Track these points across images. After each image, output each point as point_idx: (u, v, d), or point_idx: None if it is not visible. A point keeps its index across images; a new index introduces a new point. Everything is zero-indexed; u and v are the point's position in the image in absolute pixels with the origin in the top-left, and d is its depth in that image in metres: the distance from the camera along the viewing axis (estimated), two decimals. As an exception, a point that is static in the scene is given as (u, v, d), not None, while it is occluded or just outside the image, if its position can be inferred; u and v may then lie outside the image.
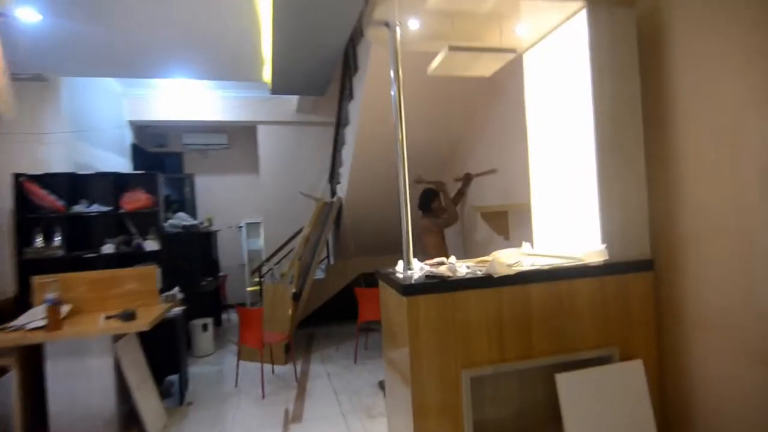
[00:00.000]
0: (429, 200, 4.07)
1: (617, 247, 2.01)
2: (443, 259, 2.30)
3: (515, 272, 1.87)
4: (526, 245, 2.48)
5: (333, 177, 6.13)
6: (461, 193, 4.37)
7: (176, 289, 3.63)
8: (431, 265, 2.20)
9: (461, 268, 2.03)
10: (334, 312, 5.91)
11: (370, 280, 5.84)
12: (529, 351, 1.91)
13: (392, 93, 2.06)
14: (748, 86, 1.70)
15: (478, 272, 1.93)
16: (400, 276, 2.00)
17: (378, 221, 5.21)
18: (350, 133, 4.44)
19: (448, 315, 1.82)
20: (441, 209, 4.21)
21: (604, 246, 2.00)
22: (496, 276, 1.84)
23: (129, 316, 2.83)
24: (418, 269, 2.08)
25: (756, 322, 1.72)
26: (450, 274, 1.89)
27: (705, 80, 1.88)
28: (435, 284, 1.82)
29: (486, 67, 2.28)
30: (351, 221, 5.20)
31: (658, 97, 2.10)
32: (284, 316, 4.53)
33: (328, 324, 5.88)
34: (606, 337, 2.02)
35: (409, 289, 1.79)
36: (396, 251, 5.84)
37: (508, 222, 3.68)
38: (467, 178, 4.27)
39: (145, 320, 2.87)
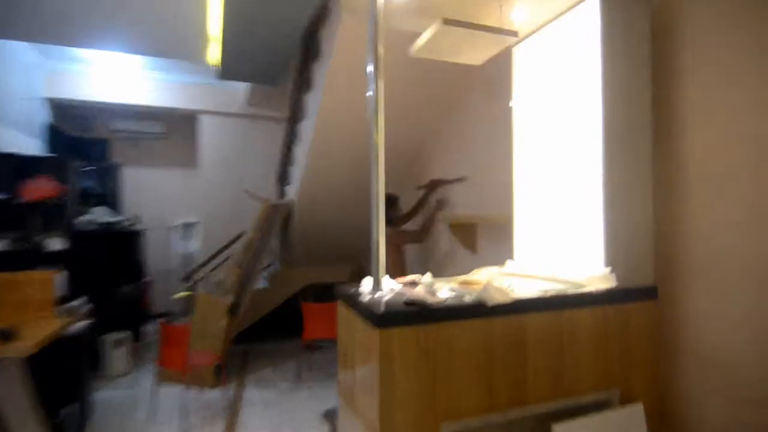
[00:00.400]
0: (387, 207, 3.68)
1: (620, 271, 1.72)
2: (417, 277, 1.91)
3: (512, 300, 1.52)
4: (511, 264, 2.16)
5: (282, 177, 5.60)
6: (423, 202, 4.02)
7: (80, 299, 2.96)
8: (404, 284, 1.81)
9: (443, 290, 1.64)
10: (273, 327, 5.34)
11: (319, 292, 5.34)
12: (522, 396, 1.56)
13: (370, 73, 1.65)
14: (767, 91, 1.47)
15: (466, 297, 1.56)
16: (368, 299, 1.58)
17: (332, 228, 4.76)
18: (306, 128, 3.98)
19: (429, 353, 1.42)
20: (402, 218, 3.84)
21: (608, 270, 1.71)
22: (490, 304, 1.47)
23: (6, 336, 2.18)
24: (389, 290, 1.67)
25: (786, 367, 1.47)
26: (430, 299, 1.50)
27: (718, 84, 1.65)
28: (415, 314, 1.42)
29: (478, 52, 1.94)
30: (301, 226, 4.71)
31: (666, 102, 1.85)
32: (217, 331, 3.94)
33: (265, 340, 5.29)
34: (606, 376, 1.71)
35: (384, 320, 1.37)
36: (348, 261, 5.38)
37: (476, 235, 3.37)
38: (432, 186, 3.94)
39: (29, 341, 2.23)
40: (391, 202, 3.72)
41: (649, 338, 1.79)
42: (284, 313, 5.36)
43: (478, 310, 1.48)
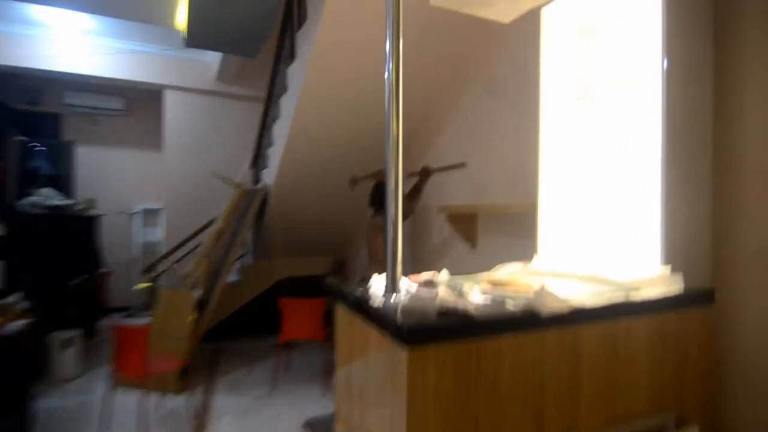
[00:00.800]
0: (382, 195, 3.35)
1: (681, 272, 1.44)
2: (432, 274, 1.58)
3: (571, 309, 1.20)
4: (538, 260, 1.85)
5: (257, 161, 5.15)
6: (417, 190, 3.69)
7: (16, 294, 2.49)
8: (420, 284, 1.47)
9: (473, 293, 1.32)
10: (246, 323, 4.92)
11: (298, 286, 4.95)
12: (574, 424, 1.26)
13: (388, 51, 1.28)
14: None
15: (509, 304, 1.23)
16: (383, 304, 1.23)
17: (312, 216, 4.37)
18: (288, 103, 3.56)
19: (469, 378, 1.09)
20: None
21: (667, 270, 1.42)
22: (545, 313, 1.16)
23: None
24: (405, 292, 1.34)
25: None
26: (468, 307, 1.17)
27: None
28: (454, 327, 1.09)
29: (510, 4, 1.60)
30: (278, 214, 4.29)
31: (726, 82, 1.58)
32: (182, 330, 3.51)
33: (239, 338, 4.87)
34: (661, 397, 1.43)
35: (415, 336, 1.03)
36: (329, 252, 4.99)
37: (477, 227, 3.07)
38: (425, 173, 3.61)
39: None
40: (383, 190, 3.38)
41: (706, 350, 1.53)
42: (258, 308, 4.95)
43: (529, 321, 1.16)
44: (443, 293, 1.30)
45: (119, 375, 2.95)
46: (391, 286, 1.30)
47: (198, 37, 3.67)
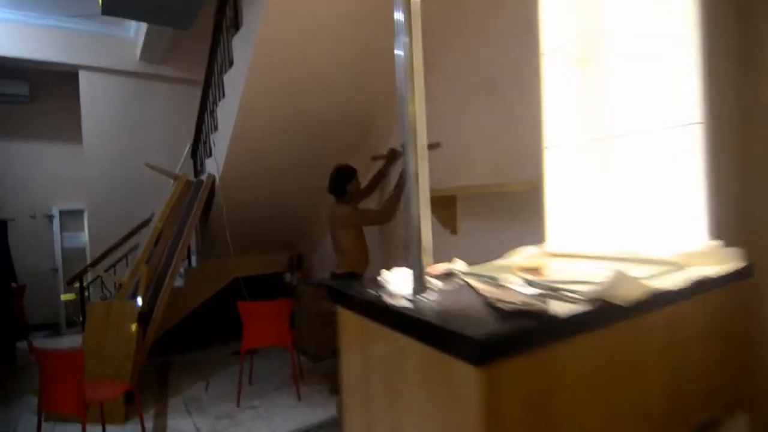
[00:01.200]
0: (343, 180, 3.06)
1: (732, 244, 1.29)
2: (453, 264, 1.33)
3: (649, 294, 0.99)
4: (555, 241, 1.65)
5: (197, 149, 4.61)
6: (382, 174, 3.42)
7: None
8: (438, 276, 1.22)
9: (515, 284, 1.07)
10: (195, 332, 4.44)
11: (251, 287, 4.52)
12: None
13: (398, 22, 1.03)
14: None
15: (567, 294, 1.00)
16: (415, 306, 0.96)
17: (267, 207, 3.98)
18: (233, 79, 3.12)
19: (541, 395, 0.84)
20: (359, 193, 3.22)
21: (718, 244, 1.26)
22: (625, 303, 0.93)
23: None
24: (436, 288, 1.08)
25: None
26: (534, 303, 0.91)
27: None
28: (529, 332, 0.83)
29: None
30: (228, 208, 3.83)
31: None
32: (122, 348, 3.01)
33: (187, 350, 4.37)
34: (713, 387, 1.29)
35: (489, 350, 0.76)
36: (283, 249, 4.60)
37: (457, 212, 2.86)
38: (392, 156, 3.34)
39: None
40: (349, 174, 3.09)
41: (744, 330, 1.40)
42: (207, 315, 4.48)
43: (604, 316, 0.93)
44: (483, 287, 1.05)
45: (48, 411, 2.44)
46: (420, 284, 1.03)
47: (118, 2, 3.10)
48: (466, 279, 1.18)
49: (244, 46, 2.86)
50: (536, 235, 1.78)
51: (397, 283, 1.10)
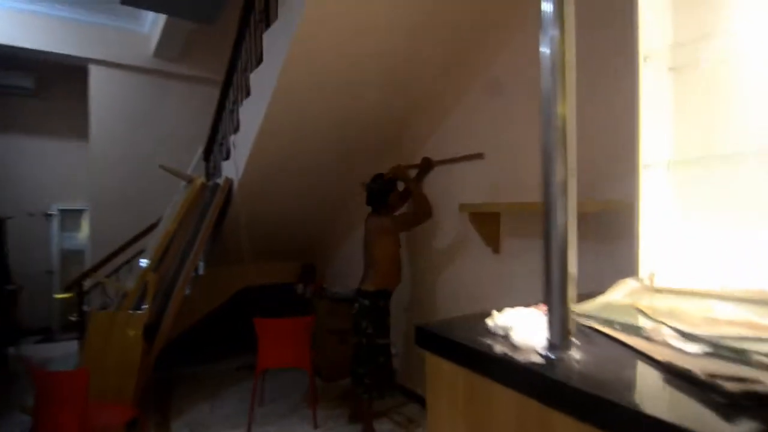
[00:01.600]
0: (386, 193, 2.86)
1: None
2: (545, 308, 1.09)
3: None
4: (661, 275, 1.42)
5: (211, 151, 4.38)
6: (415, 183, 3.19)
7: None
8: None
9: (668, 333, 0.84)
10: (199, 343, 4.16)
11: (263, 299, 4.26)
12: None
13: (545, 14, 0.82)
14: None
15: (760, 357, 0.76)
16: (562, 369, 0.72)
17: (288, 214, 3.76)
18: (263, 76, 2.90)
19: None
20: (398, 204, 3.01)
21: None
22: None
23: None
24: (575, 343, 0.83)
25: None
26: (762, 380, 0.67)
27: None
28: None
29: None
30: (245, 214, 3.59)
31: None
32: (125, 364, 2.74)
33: (191, 362, 4.09)
34: None
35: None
36: (296, 258, 4.33)
37: (500, 229, 2.63)
38: (426, 166, 3.12)
39: None
40: (390, 186, 2.90)
41: None
42: (214, 326, 4.21)
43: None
44: (644, 345, 0.81)
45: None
46: (563, 335, 0.79)
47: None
48: (598, 327, 0.94)
49: (278, 42, 2.64)
50: (598, 262, 1.56)
51: (524, 329, 0.86)
